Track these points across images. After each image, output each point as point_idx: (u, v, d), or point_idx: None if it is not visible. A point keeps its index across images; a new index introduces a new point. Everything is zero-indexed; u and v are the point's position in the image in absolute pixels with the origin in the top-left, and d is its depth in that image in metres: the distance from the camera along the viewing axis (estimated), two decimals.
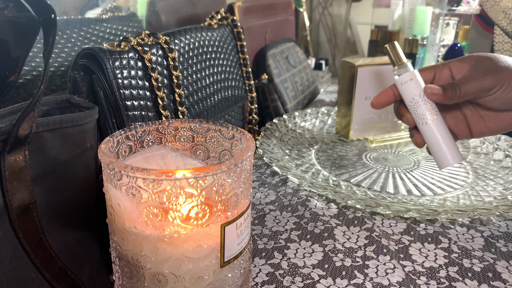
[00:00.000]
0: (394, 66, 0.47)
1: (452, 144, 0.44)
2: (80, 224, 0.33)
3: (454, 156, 0.44)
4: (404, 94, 0.45)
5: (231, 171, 0.28)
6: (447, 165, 0.44)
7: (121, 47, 0.42)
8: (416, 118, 0.45)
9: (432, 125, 0.44)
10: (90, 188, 0.35)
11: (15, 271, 0.27)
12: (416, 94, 0.44)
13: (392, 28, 1.12)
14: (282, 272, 0.39)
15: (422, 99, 0.44)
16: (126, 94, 0.41)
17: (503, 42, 1.13)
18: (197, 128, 0.35)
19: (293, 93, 0.83)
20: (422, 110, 0.44)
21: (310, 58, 1.21)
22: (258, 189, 0.55)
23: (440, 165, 0.45)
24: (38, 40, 0.28)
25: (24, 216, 0.27)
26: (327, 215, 0.49)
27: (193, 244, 0.27)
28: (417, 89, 0.44)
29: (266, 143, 0.63)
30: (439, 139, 0.44)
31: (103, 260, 0.36)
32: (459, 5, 1.07)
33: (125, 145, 0.32)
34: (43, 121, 0.29)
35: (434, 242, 0.44)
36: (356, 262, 0.40)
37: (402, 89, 0.46)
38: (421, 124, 0.45)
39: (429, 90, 0.44)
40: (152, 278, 0.28)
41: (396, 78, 0.46)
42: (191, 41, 0.53)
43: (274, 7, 0.87)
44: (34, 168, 0.28)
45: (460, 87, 0.43)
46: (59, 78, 0.48)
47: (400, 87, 0.46)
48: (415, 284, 0.37)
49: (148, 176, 0.25)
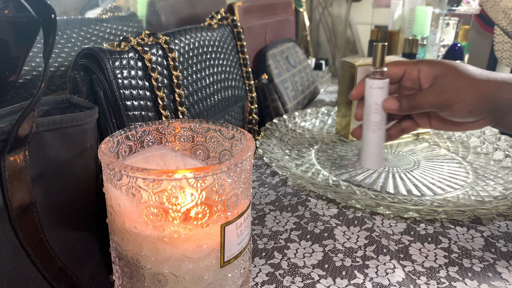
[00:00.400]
0: (374, 66, 0.50)
1: (379, 154, 0.52)
2: (80, 224, 0.33)
3: (376, 164, 0.53)
4: (368, 96, 0.50)
5: (231, 171, 0.28)
6: (366, 167, 0.54)
7: (121, 47, 0.42)
8: (365, 118, 0.51)
9: (373, 133, 0.51)
10: (90, 188, 0.35)
11: (15, 271, 0.27)
12: (376, 103, 0.50)
13: (392, 28, 1.12)
14: (282, 272, 0.39)
15: (378, 109, 0.50)
16: (126, 94, 0.41)
17: (503, 42, 1.13)
18: (197, 128, 0.35)
19: (293, 93, 0.83)
20: (373, 117, 0.50)
21: (310, 58, 1.21)
22: (258, 189, 0.55)
23: (361, 163, 0.54)
24: (38, 40, 0.28)
25: (24, 216, 0.27)
26: (327, 215, 0.49)
27: (193, 244, 0.27)
28: (380, 98, 0.50)
29: (266, 143, 0.63)
30: (372, 146, 0.51)
31: (103, 260, 0.36)
32: (459, 5, 1.07)
33: (125, 145, 0.32)
34: (43, 121, 0.29)
35: (434, 242, 0.44)
36: (356, 262, 0.40)
37: (368, 91, 0.50)
38: (366, 126, 0.51)
39: (386, 105, 0.49)
40: (152, 278, 0.28)
41: (367, 78, 0.50)
42: (191, 41, 0.53)
43: (274, 7, 0.87)
44: (34, 168, 0.28)
45: (416, 101, 0.47)
46: (59, 78, 0.48)
47: (368, 89, 0.50)
48: (415, 284, 0.37)
49: (148, 176, 0.25)
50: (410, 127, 0.54)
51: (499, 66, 1.30)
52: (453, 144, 0.68)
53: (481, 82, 0.45)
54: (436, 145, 0.69)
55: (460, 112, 0.45)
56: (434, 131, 0.73)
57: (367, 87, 0.50)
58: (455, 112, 0.46)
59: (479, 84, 0.45)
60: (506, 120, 0.46)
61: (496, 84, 0.45)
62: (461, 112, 0.45)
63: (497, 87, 0.45)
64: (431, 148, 0.68)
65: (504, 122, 0.46)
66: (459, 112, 0.45)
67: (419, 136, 0.72)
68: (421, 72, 0.48)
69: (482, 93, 0.45)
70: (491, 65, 1.31)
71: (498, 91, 0.45)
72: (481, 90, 0.45)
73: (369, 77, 0.50)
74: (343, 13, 1.39)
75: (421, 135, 0.72)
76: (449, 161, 0.63)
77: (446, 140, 0.70)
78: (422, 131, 0.71)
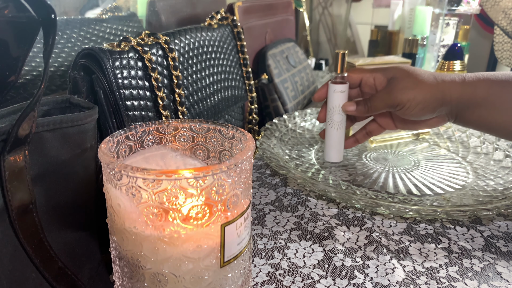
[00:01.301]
0: (336, 72, 0.57)
1: (340, 149, 0.60)
2: (80, 224, 0.33)
3: (337, 157, 0.60)
4: (330, 99, 0.57)
5: (231, 171, 0.28)
6: (329, 160, 0.61)
7: (121, 47, 0.42)
8: (328, 119, 0.58)
9: (335, 132, 0.58)
10: (90, 188, 0.35)
11: (15, 271, 0.27)
12: (339, 105, 0.56)
13: (392, 28, 1.13)
14: (282, 272, 0.39)
15: (340, 110, 0.57)
16: (126, 94, 0.41)
17: (503, 42, 1.13)
18: (197, 128, 0.35)
19: (293, 93, 0.83)
20: (336, 117, 0.57)
21: (310, 58, 1.21)
22: (258, 189, 0.55)
23: (325, 157, 0.61)
24: (38, 40, 0.28)
25: (24, 216, 0.27)
26: (327, 215, 0.49)
27: (193, 244, 0.27)
28: (342, 101, 0.56)
29: (266, 143, 0.63)
30: (335, 142, 0.59)
31: (103, 260, 0.36)
32: (459, 5, 1.07)
33: (125, 145, 0.32)
34: (43, 121, 0.29)
35: (434, 242, 0.44)
36: (356, 262, 0.40)
37: (330, 95, 0.57)
38: (329, 125, 0.58)
39: (345, 107, 0.56)
40: (152, 278, 0.28)
41: (330, 82, 0.56)
42: (191, 41, 0.53)
43: (274, 7, 0.87)
44: (34, 168, 0.28)
45: (371, 104, 0.53)
46: (59, 78, 0.48)
47: (331, 93, 0.56)
48: (415, 284, 0.37)
49: (148, 176, 0.25)
50: (375, 129, 0.59)
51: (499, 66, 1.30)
52: (453, 144, 0.68)
53: (428, 82, 0.49)
54: (436, 145, 0.69)
55: (413, 110, 0.49)
56: (434, 131, 0.73)
57: (330, 91, 0.56)
58: (408, 110, 0.49)
59: (426, 85, 0.48)
60: (461, 116, 0.49)
61: (444, 84, 0.48)
62: (414, 110, 0.49)
63: (445, 86, 0.48)
64: (431, 148, 0.68)
65: (461, 118, 0.50)
66: (412, 110, 0.49)
67: (419, 136, 0.72)
68: (376, 79, 0.54)
69: (431, 92, 0.48)
70: (491, 65, 1.31)
71: (447, 90, 0.48)
72: (429, 89, 0.48)
73: (332, 82, 0.56)
74: (343, 13, 1.39)
75: (421, 135, 0.72)
76: (449, 161, 0.63)
77: (446, 140, 0.70)
78: (422, 131, 0.71)
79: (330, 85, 0.56)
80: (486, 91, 0.47)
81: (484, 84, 0.47)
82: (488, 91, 0.47)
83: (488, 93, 0.47)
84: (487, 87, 0.47)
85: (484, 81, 0.48)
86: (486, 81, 0.47)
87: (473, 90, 0.47)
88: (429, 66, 1.04)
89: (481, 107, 0.48)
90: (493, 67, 1.29)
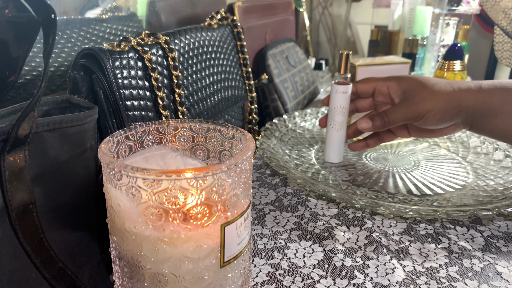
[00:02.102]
0: (339, 72, 0.58)
1: (340, 150, 0.60)
2: (80, 224, 0.33)
3: (338, 158, 0.60)
4: (333, 100, 0.57)
5: (231, 171, 0.28)
6: (328, 160, 0.61)
7: (121, 47, 0.42)
8: (330, 119, 0.58)
9: (337, 132, 0.58)
10: (90, 188, 0.34)
11: (15, 271, 0.27)
12: (340, 106, 0.56)
13: (392, 28, 1.12)
14: (282, 272, 0.39)
15: (342, 111, 0.57)
16: (126, 94, 0.41)
17: (503, 42, 1.13)
18: (197, 128, 0.35)
19: (293, 93, 0.83)
20: (337, 118, 0.57)
21: (310, 58, 1.21)
22: (258, 189, 0.55)
23: (325, 157, 0.61)
24: (38, 40, 0.28)
25: (24, 216, 0.27)
26: (327, 215, 0.49)
27: (193, 244, 0.27)
28: (344, 102, 0.56)
29: (266, 143, 0.63)
30: (334, 142, 0.59)
31: (103, 260, 0.36)
32: (459, 5, 1.07)
33: (125, 145, 0.32)
34: (43, 121, 0.29)
35: (434, 242, 0.44)
36: (356, 262, 0.40)
37: (333, 95, 0.57)
38: (330, 126, 0.58)
39: (360, 125, 0.54)
40: (152, 278, 0.28)
41: (333, 83, 0.56)
42: (191, 41, 0.53)
43: (274, 7, 0.87)
44: (34, 168, 0.28)
45: (389, 117, 0.52)
46: (59, 78, 0.48)
47: (333, 93, 0.56)
48: (415, 284, 0.37)
49: (148, 176, 0.25)
50: (388, 137, 0.58)
51: (499, 66, 1.30)
52: (453, 144, 0.68)
53: (445, 92, 0.49)
54: (436, 145, 0.69)
55: (431, 120, 0.49)
56: None
57: (332, 91, 0.56)
58: (427, 121, 0.50)
59: (443, 94, 0.49)
60: (477, 124, 0.50)
61: (461, 92, 0.48)
62: (432, 120, 0.49)
63: (461, 95, 0.48)
64: (431, 148, 0.68)
65: (476, 126, 0.50)
66: (431, 120, 0.50)
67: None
68: (390, 88, 0.53)
69: (448, 101, 0.48)
70: (491, 65, 1.31)
71: (463, 98, 0.48)
72: (446, 99, 0.49)
73: (335, 82, 0.56)
74: (343, 13, 1.39)
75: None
76: (449, 161, 0.63)
77: (446, 140, 0.70)
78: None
79: (332, 85, 0.56)
80: (503, 99, 0.47)
81: (500, 92, 0.47)
82: (504, 99, 0.47)
83: (504, 101, 0.47)
84: (503, 95, 0.47)
85: (500, 89, 0.47)
86: (503, 89, 0.47)
87: (489, 98, 0.47)
88: (429, 66, 1.04)
89: (497, 116, 0.47)
90: (493, 67, 1.29)
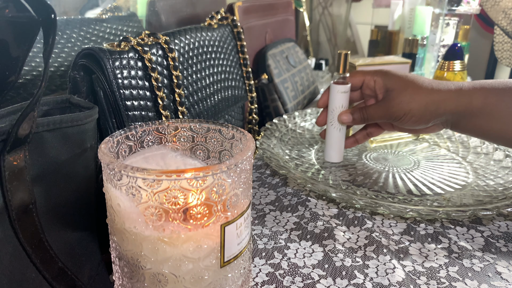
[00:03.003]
0: (338, 72, 0.57)
1: (340, 150, 0.60)
2: (80, 224, 0.33)
3: (338, 158, 0.61)
4: (333, 99, 0.57)
5: (231, 171, 0.28)
6: (329, 160, 0.61)
7: (121, 47, 0.42)
8: (330, 119, 0.58)
9: (337, 132, 0.58)
10: (90, 188, 0.35)
11: (15, 271, 0.27)
12: (341, 106, 0.56)
13: (392, 28, 1.12)
14: (282, 272, 0.39)
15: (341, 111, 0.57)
16: (126, 94, 0.41)
17: (503, 42, 1.13)
18: (197, 128, 0.35)
19: (293, 93, 0.83)
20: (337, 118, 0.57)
21: (310, 58, 1.21)
22: (258, 189, 0.55)
23: (325, 157, 0.61)
24: (38, 40, 0.28)
25: (24, 216, 0.27)
26: (327, 215, 0.49)
27: (193, 244, 0.27)
28: (344, 102, 0.56)
29: (266, 143, 0.63)
30: (335, 142, 0.59)
31: (103, 260, 0.36)
32: (459, 5, 1.07)
33: (125, 145, 0.32)
34: (43, 121, 0.29)
35: (434, 242, 0.44)
36: (356, 262, 0.40)
37: (333, 95, 0.56)
38: (331, 126, 0.58)
39: (340, 118, 0.56)
40: (152, 278, 0.28)
41: (332, 83, 0.56)
42: (191, 41, 0.53)
43: (274, 7, 0.87)
44: (34, 168, 0.28)
45: (367, 114, 0.54)
46: (59, 78, 0.48)
47: (333, 93, 0.56)
48: (415, 284, 0.37)
49: (148, 176, 0.25)
50: (375, 131, 0.60)
51: (499, 66, 1.30)
52: (453, 144, 0.68)
53: (424, 96, 0.50)
54: (436, 145, 0.69)
55: (408, 122, 0.51)
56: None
57: (332, 91, 0.56)
58: (403, 122, 0.51)
59: (421, 98, 0.50)
60: (457, 124, 0.51)
61: (440, 96, 0.49)
62: (408, 122, 0.51)
63: (441, 99, 0.49)
64: (431, 148, 0.68)
65: (457, 126, 0.51)
66: (407, 122, 0.51)
67: (419, 136, 0.72)
68: (376, 83, 0.54)
69: (426, 105, 0.49)
70: (491, 65, 1.31)
71: (442, 103, 0.49)
72: (424, 102, 0.50)
73: (334, 82, 0.56)
74: (343, 13, 1.39)
75: (421, 135, 0.72)
76: (449, 161, 0.63)
77: (446, 140, 0.70)
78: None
79: (332, 85, 0.56)
80: (483, 101, 0.47)
81: (480, 94, 0.48)
82: (484, 100, 0.47)
83: (484, 103, 0.47)
84: (483, 97, 0.47)
85: (480, 91, 0.48)
86: (482, 91, 0.48)
87: (469, 101, 0.48)
88: (429, 66, 1.04)
89: (477, 117, 0.48)
90: (493, 67, 1.29)
